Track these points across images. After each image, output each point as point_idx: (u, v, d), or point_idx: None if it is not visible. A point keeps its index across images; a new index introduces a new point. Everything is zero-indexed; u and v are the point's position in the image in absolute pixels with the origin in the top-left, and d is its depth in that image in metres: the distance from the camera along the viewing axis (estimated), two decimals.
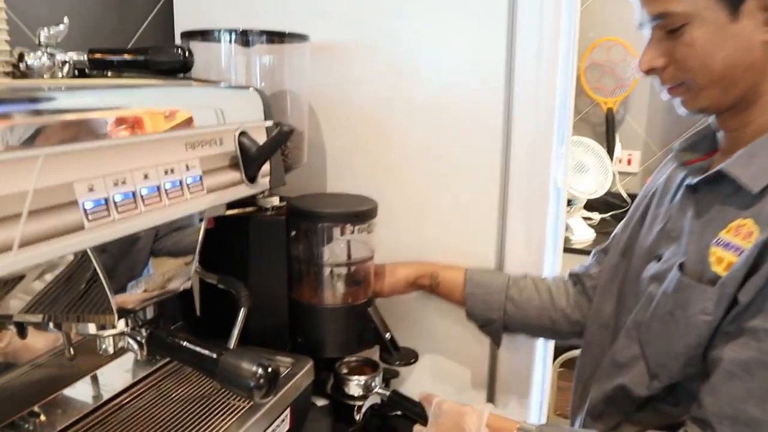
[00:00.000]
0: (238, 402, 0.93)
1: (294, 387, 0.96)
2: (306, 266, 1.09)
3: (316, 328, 1.08)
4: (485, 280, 1.15)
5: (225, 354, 0.69)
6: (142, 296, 0.74)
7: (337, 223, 1.06)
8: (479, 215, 1.20)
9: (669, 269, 0.87)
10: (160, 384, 0.99)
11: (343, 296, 1.10)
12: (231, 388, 0.68)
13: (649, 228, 0.97)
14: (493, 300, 1.14)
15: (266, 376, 0.67)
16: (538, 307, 1.13)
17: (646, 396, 0.88)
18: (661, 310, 0.86)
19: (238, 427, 0.84)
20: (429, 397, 1.03)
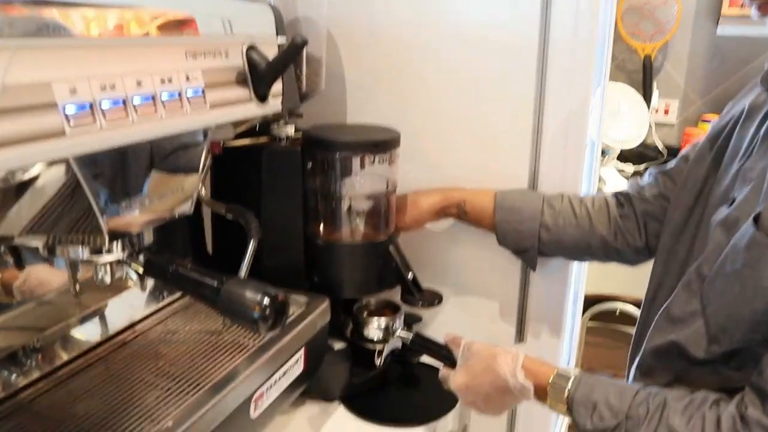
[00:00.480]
0: (248, 340, 0.87)
1: (309, 326, 0.90)
2: (323, 201, 1.01)
3: (334, 266, 1.01)
4: (517, 206, 1.05)
5: (227, 282, 0.62)
6: (138, 218, 0.67)
7: (356, 152, 0.98)
8: (510, 156, 1.11)
9: (740, 218, 0.75)
10: (167, 321, 0.93)
11: (362, 233, 1.02)
12: (234, 319, 0.61)
13: (729, 163, 0.84)
14: (525, 228, 1.04)
15: (272, 306, 0.60)
16: (574, 234, 1.03)
17: (703, 359, 0.78)
18: (729, 266, 0.74)
19: (247, 366, 0.78)
20: (456, 339, 0.95)
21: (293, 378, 0.88)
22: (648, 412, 0.74)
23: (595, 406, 0.77)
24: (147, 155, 0.67)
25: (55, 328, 0.82)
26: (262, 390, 0.80)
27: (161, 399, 0.75)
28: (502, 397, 0.87)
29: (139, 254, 0.68)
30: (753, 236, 0.71)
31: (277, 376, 0.83)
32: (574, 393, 0.79)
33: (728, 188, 0.82)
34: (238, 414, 0.76)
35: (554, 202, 1.05)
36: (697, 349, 0.78)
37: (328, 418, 1.02)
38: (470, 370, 0.90)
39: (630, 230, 1.01)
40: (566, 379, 0.81)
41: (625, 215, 1.02)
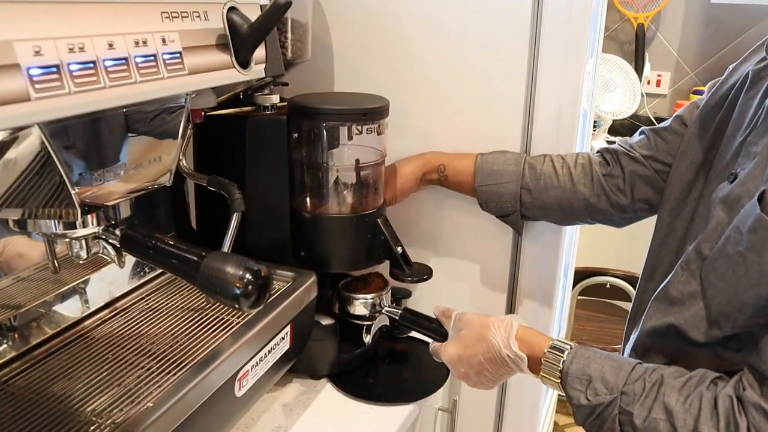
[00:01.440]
0: (233, 317, 0.84)
1: (295, 302, 0.87)
2: (309, 172, 0.98)
3: (321, 240, 0.98)
4: (497, 168, 1.02)
5: (208, 257, 0.59)
6: (113, 190, 0.63)
7: (343, 122, 0.94)
8: (502, 126, 1.08)
9: (743, 195, 0.72)
10: (148, 298, 0.90)
11: (350, 205, 0.99)
12: (214, 296, 0.58)
13: (732, 136, 0.81)
14: (507, 191, 1.02)
15: (255, 282, 0.57)
16: (557, 195, 1.00)
17: (702, 342, 0.75)
18: (731, 248, 0.71)
19: (232, 343, 0.75)
20: (447, 311, 0.93)
21: (279, 355, 0.85)
22: (644, 389, 0.72)
23: (590, 381, 0.75)
24: (122, 123, 0.63)
25: (32, 305, 0.79)
26: (247, 368, 0.77)
27: (142, 379, 0.72)
28: (495, 369, 0.84)
29: (115, 228, 0.65)
30: (757, 218, 0.68)
31: (262, 353, 0.80)
32: (569, 366, 0.76)
33: (730, 163, 0.79)
34: (222, 393, 0.73)
35: (535, 164, 1.02)
36: (696, 332, 0.75)
37: (316, 395, 0.99)
38: (462, 340, 0.87)
39: (614, 190, 0.98)
40: (562, 351, 0.78)
41: (610, 174, 0.99)
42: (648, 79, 2.63)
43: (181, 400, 0.66)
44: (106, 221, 0.65)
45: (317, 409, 0.97)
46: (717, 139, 0.84)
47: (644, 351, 0.84)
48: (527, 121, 1.06)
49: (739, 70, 0.85)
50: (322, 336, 1.00)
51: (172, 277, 0.95)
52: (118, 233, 0.65)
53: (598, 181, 0.99)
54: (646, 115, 2.69)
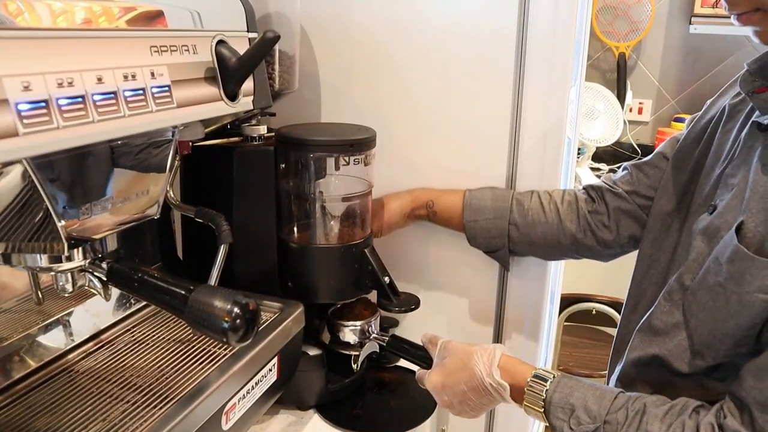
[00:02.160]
0: (220, 349, 0.84)
1: (282, 334, 0.86)
2: (297, 202, 0.98)
3: (308, 271, 0.98)
4: (485, 204, 1.03)
5: (195, 291, 0.59)
6: (101, 223, 0.63)
7: (331, 152, 0.95)
8: (488, 154, 1.09)
9: (722, 227, 0.73)
10: (134, 330, 0.89)
11: (337, 236, 0.99)
12: (203, 330, 0.58)
13: (711, 168, 0.82)
14: (494, 227, 1.02)
15: (243, 316, 0.57)
16: (544, 231, 1.01)
17: (686, 372, 0.76)
18: (711, 278, 0.72)
19: (219, 376, 0.74)
20: (433, 339, 0.93)
21: (266, 387, 0.84)
22: (627, 417, 0.72)
23: (573, 410, 0.75)
24: (109, 156, 0.63)
25: (15, 338, 0.78)
26: (234, 401, 0.77)
27: (127, 413, 0.71)
28: (478, 398, 0.84)
29: (101, 261, 0.65)
30: (735, 250, 0.69)
31: (249, 386, 0.80)
32: (552, 395, 0.77)
33: (709, 195, 0.80)
34: (209, 427, 0.72)
35: (523, 200, 1.03)
36: (680, 363, 0.76)
37: (303, 427, 0.98)
38: (446, 368, 0.87)
39: (600, 226, 0.99)
40: (545, 380, 0.78)
41: (595, 211, 1.00)
42: (630, 106, 2.68)
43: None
44: (92, 254, 0.65)
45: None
46: (696, 171, 0.85)
47: (630, 381, 0.84)
48: (513, 147, 1.07)
49: (716, 105, 0.87)
50: (309, 366, 0.99)
51: (158, 309, 0.94)
52: (105, 267, 0.64)
53: (584, 218, 1.00)
54: (629, 142, 2.72)
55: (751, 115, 0.77)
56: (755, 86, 0.75)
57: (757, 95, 0.75)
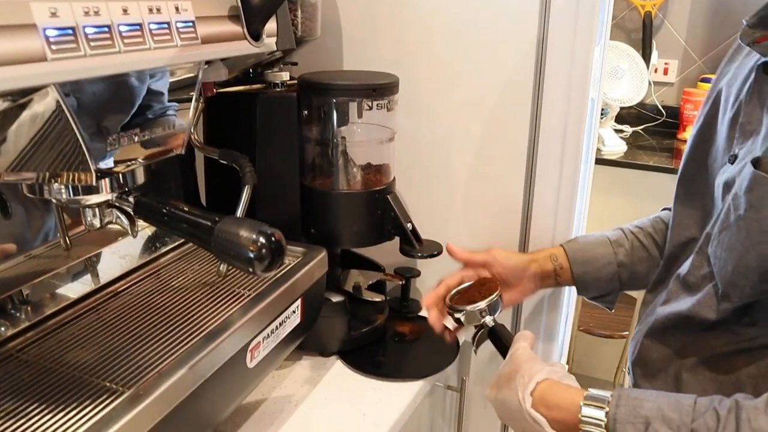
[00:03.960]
0: (244, 290, 0.85)
1: (306, 276, 0.87)
2: (319, 148, 0.98)
3: (331, 217, 0.98)
4: (589, 255, 0.99)
5: (222, 221, 0.59)
6: (127, 155, 0.64)
7: (353, 97, 0.94)
8: (510, 108, 1.08)
9: (743, 168, 0.72)
10: (160, 272, 0.91)
11: (360, 182, 0.99)
12: (228, 259, 0.58)
13: (722, 123, 0.81)
14: (604, 275, 0.98)
15: (269, 246, 0.57)
16: (649, 265, 0.97)
17: (715, 320, 0.74)
18: (732, 215, 0.71)
19: (241, 315, 0.75)
20: (517, 340, 0.85)
21: (290, 329, 0.85)
22: (719, 419, 0.63)
23: (648, 423, 0.65)
24: (137, 89, 0.63)
25: (44, 277, 0.80)
26: (259, 340, 0.78)
27: (155, 349, 0.72)
28: (521, 423, 0.75)
29: (128, 195, 0.65)
30: (753, 177, 0.68)
31: (273, 326, 0.81)
32: (616, 411, 0.67)
33: (726, 146, 0.79)
34: (234, 363, 0.73)
35: (622, 241, 0.99)
36: (708, 311, 0.75)
37: (326, 372, 1.00)
38: (499, 380, 0.80)
39: None
40: (602, 400, 0.69)
41: None
42: (655, 67, 2.62)
43: (194, 367, 0.66)
44: (119, 188, 0.65)
45: (327, 384, 0.97)
46: (712, 128, 0.84)
47: (660, 337, 0.83)
48: (536, 100, 1.06)
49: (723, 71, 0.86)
50: (332, 313, 1.00)
51: (183, 253, 0.95)
52: (132, 200, 0.65)
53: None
54: (653, 103, 2.68)
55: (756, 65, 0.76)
56: (755, 37, 0.75)
57: (758, 44, 0.75)
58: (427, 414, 1.11)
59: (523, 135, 1.08)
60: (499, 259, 0.98)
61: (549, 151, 1.07)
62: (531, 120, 1.07)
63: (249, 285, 0.86)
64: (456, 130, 1.11)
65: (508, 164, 1.10)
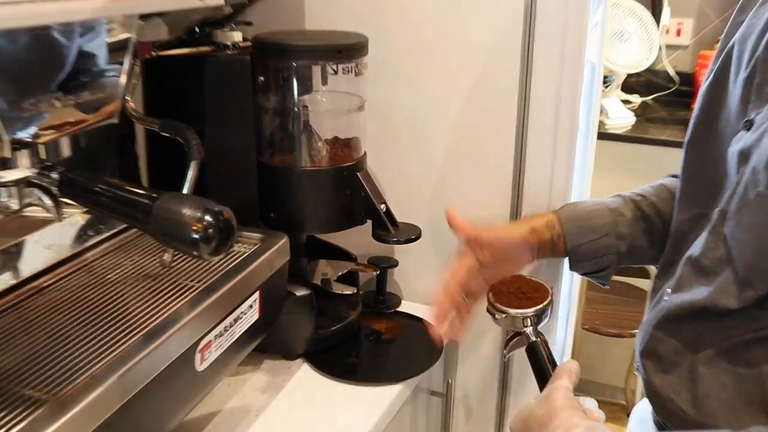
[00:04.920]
0: (191, 282, 0.84)
1: (265, 266, 0.87)
2: (278, 120, 0.98)
3: (293, 198, 0.99)
4: (586, 225, 0.99)
5: (161, 198, 0.59)
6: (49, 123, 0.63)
7: (316, 60, 0.94)
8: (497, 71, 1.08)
9: (764, 138, 0.72)
10: (94, 264, 0.90)
11: (326, 158, 0.99)
12: (170, 242, 0.58)
13: (734, 84, 0.81)
14: (601, 247, 0.98)
15: (216, 225, 0.57)
16: (652, 238, 0.98)
17: (736, 308, 0.74)
18: (751, 192, 0.71)
19: (189, 310, 0.75)
20: (559, 373, 0.85)
21: (247, 326, 0.85)
22: None
23: None
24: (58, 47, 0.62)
25: None
26: (210, 338, 0.77)
27: (85, 350, 0.71)
28: None
29: (52, 170, 0.64)
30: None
31: (227, 322, 0.80)
32: None
33: (740, 110, 0.79)
34: (180, 366, 0.73)
35: (623, 209, 1.00)
36: (728, 299, 0.75)
37: (291, 377, 1.00)
38: (529, 419, 0.80)
39: None
40: None
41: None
42: (667, 27, 2.64)
43: (131, 371, 0.65)
44: (40, 163, 0.64)
45: (293, 391, 0.97)
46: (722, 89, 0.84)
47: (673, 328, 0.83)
48: (525, 65, 1.06)
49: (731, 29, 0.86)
50: (296, 308, 1.00)
51: (122, 242, 0.94)
52: (56, 176, 0.64)
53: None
54: (665, 70, 2.70)
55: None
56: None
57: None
58: (408, 423, 1.12)
59: (511, 105, 1.08)
60: (502, 238, 0.98)
61: (541, 124, 1.08)
62: (520, 88, 1.07)
63: (198, 276, 0.85)
64: (435, 98, 1.12)
65: (494, 138, 1.10)
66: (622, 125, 2.41)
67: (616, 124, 2.39)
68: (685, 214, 0.88)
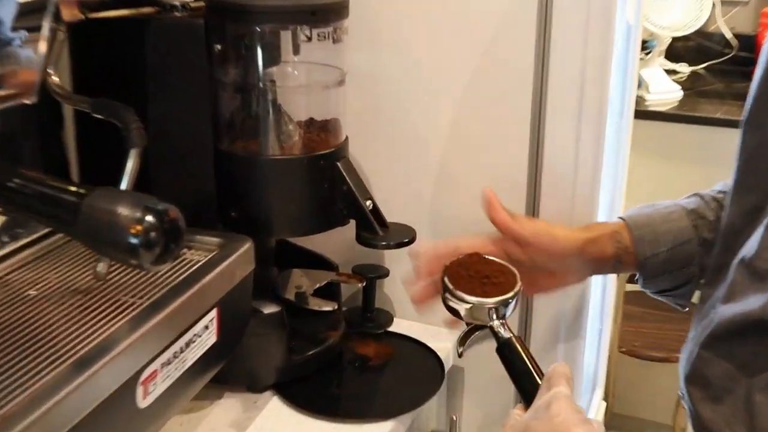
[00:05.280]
0: (132, 298, 0.84)
1: (224, 277, 0.87)
2: (240, 98, 0.99)
3: (258, 194, 1.00)
4: (661, 231, 0.99)
5: (91, 195, 0.59)
6: None
7: (285, 23, 0.95)
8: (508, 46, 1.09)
9: None
10: (10, 277, 0.90)
11: (299, 144, 1.00)
12: (102, 248, 0.59)
13: None
14: (680, 258, 0.98)
15: (158, 227, 0.57)
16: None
17: None
18: None
19: (129, 333, 0.75)
20: (553, 379, 0.84)
21: (202, 352, 0.85)
22: None
23: None
24: None
25: None
26: (154, 367, 0.77)
27: None
28: None
29: None
30: None
31: (176, 347, 0.80)
32: None
33: None
34: (117, 402, 0.73)
35: (702, 210, 1.00)
36: None
37: (258, 413, 1.01)
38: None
39: None
40: None
41: None
42: None
43: (57, 407, 0.65)
44: None
45: (260, 431, 0.98)
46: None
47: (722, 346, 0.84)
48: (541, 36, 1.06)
49: None
50: (263, 329, 1.01)
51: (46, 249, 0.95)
52: None
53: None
54: (720, 32, 2.71)
55: None
56: None
57: None
58: None
59: (525, 78, 1.09)
60: (543, 240, 0.98)
61: (562, 101, 1.09)
62: (536, 55, 1.08)
63: (140, 291, 0.85)
64: (432, 69, 1.13)
65: (505, 120, 1.11)
66: (666, 101, 2.42)
67: (659, 100, 2.40)
68: (739, 207, 0.89)
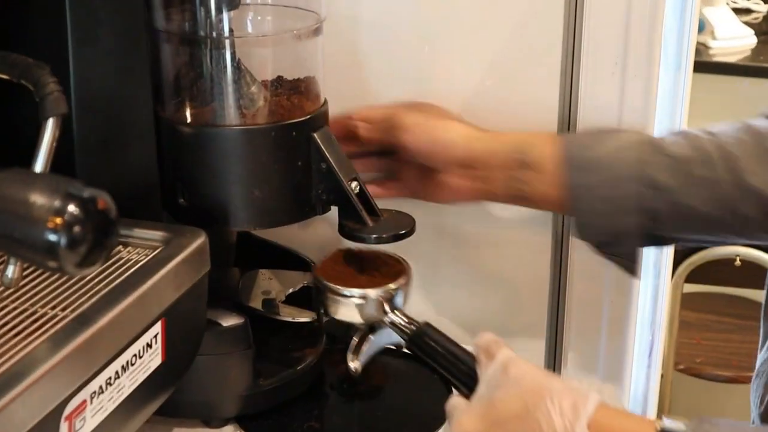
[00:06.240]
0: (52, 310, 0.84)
1: (169, 280, 0.87)
2: (188, 52, 1.00)
3: (213, 174, 1.00)
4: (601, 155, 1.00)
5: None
6: None
7: None
8: None
9: None
10: None
11: (264, 110, 1.01)
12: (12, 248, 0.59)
13: None
14: (620, 196, 1.00)
15: (83, 219, 0.57)
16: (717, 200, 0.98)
17: None
18: None
19: (49, 354, 0.75)
20: (492, 346, 0.90)
21: (144, 377, 0.86)
22: None
23: None
24: None
25: None
26: (82, 397, 0.78)
27: None
28: None
29: None
30: None
31: (110, 372, 0.81)
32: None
33: None
34: None
35: (668, 145, 1.01)
36: None
37: None
38: (493, 408, 0.84)
39: None
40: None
41: None
42: None
43: None
44: None
45: None
46: None
47: None
48: None
49: None
50: (222, 347, 1.01)
51: None
52: None
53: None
54: None
55: None
56: None
57: None
58: None
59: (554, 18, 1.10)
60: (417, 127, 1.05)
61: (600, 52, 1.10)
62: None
63: (62, 301, 0.85)
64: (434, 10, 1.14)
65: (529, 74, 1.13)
66: (735, 49, 2.43)
67: (727, 48, 2.41)
68: None
